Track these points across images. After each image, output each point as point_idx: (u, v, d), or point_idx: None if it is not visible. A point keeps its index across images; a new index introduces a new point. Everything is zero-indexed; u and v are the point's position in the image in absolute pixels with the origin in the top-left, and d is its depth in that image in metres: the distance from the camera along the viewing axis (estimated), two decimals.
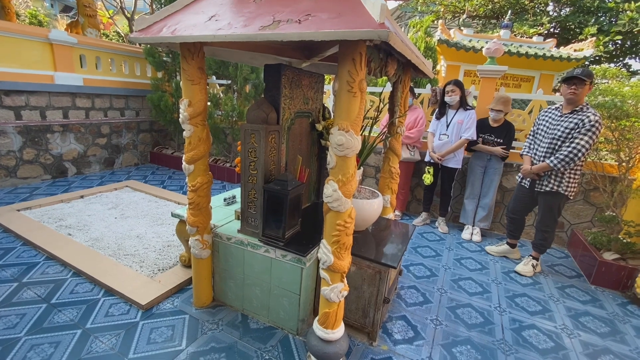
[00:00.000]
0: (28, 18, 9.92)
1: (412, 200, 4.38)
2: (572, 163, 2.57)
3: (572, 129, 2.57)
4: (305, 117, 2.19)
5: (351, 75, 1.28)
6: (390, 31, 1.05)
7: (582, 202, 3.57)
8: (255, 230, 1.93)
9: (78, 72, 4.84)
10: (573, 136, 2.56)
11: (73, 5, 16.46)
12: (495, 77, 3.74)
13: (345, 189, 1.41)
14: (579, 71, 2.52)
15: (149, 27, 1.59)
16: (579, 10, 8.44)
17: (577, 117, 2.57)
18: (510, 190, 3.80)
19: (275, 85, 1.83)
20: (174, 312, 2.09)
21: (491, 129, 3.50)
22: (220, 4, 1.53)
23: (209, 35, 1.35)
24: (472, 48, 5.01)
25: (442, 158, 3.59)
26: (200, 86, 1.72)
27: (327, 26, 1.13)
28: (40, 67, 4.43)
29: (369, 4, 1.14)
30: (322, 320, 1.60)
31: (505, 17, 7.12)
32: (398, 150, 2.46)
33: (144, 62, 5.69)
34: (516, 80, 5.68)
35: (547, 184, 2.75)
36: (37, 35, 4.36)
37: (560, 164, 2.60)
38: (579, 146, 2.52)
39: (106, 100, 5.27)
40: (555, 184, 2.72)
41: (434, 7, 10.49)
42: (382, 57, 1.56)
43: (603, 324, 2.34)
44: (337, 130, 1.35)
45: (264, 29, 1.24)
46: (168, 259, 2.68)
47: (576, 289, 2.80)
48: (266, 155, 1.79)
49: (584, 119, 2.52)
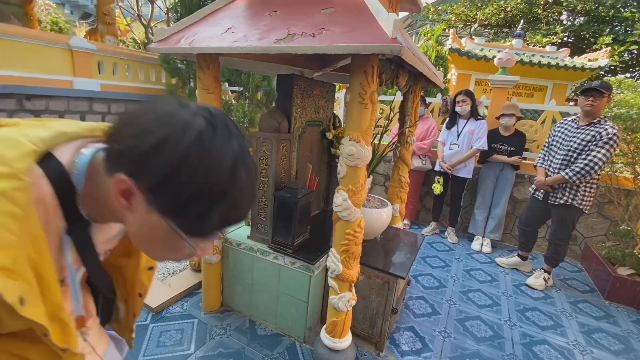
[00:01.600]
0: (49, 25, 10.29)
1: (422, 209, 4.35)
2: (588, 176, 2.53)
3: (589, 142, 2.54)
4: (316, 125, 2.21)
5: (363, 87, 1.31)
6: (403, 46, 1.07)
7: (597, 215, 3.49)
8: (264, 237, 1.95)
9: (96, 77, 4.99)
10: (590, 149, 2.53)
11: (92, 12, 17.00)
12: (507, 87, 3.72)
13: (355, 199, 1.43)
14: (597, 83, 2.50)
15: (167, 38, 1.64)
16: (593, 19, 8.35)
17: (595, 129, 2.54)
18: (522, 201, 3.75)
19: (287, 95, 1.86)
20: (183, 315, 2.12)
21: (503, 138, 3.47)
22: (237, 17, 1.57)
23: (225, 47, 1.40)
24: (484, 57, 5.00)
25: (452, 168, 3.57)
26: (215, 95, 1.77)
27: (341, 40, 1.16)
28: (60, 73, 4.58)
29: (382, 18, 1.16)
30: (330, 329, 1.60)
31: (517, 26, 7.08)
32: (408, 159, 2.46)
33: (159, 69, 5.83)
34: (528, 90, 5.63)
35: (562, 196, 2.71)
36: (59, 42, 4.52)
37: (576, 177, 2.56)
38: (596, 159, 2.48)
39: (122, 105, 5.40)
40: (570, 196, 2.68)
41: (445, 15, 10.51)
42: (394, 68, 1.58)
43: (617, 341, 2.28)
44: (348, 141, 1.37)
45: (279, 42, 1.27)
46: (178, 263, 2.72)
47: (589, 304, 2.73)
48: (277, 163, 1.82)
49: (602, 132, 2.49)
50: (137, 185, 0.47)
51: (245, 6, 1.64)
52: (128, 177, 0.46)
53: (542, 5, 8.91)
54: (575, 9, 8.47)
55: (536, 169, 2.96)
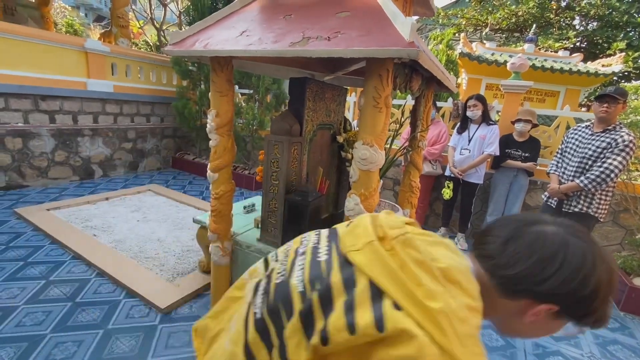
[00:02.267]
0: (65, 27, 10.52)
1: (431, 214, 4.31)
2: (603, 184, 2.47)
3: (604, 149, 2.49)
4: (326, 129, 2.21)
5: (377, 91, 1.30)
6: (420, 50, 1.06)
7: (611, 224, 3.41)
8: (274, 240, 1.95)
9: (109, 79, 5.07)
10: (605, 156, 2.47)
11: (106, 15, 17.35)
12: (519, 92, 3.68)
13: (367, 203, 1.42)
14: (612, 89, 2.45)
15: (182, 41, 1.66)
16: (607, 24, 8.22)
17: (610, 136, 2.48)
18: (534, 208, 3.69)
19: (299, 98, 1.86)
20: (192, 317, 2.12)
21: (517, 144, 3.42)
22: (251, 20, 1.58)
23: (240, 50, 1.40)
24: (495, 61, 4.96)
25: (462, 173, 3.53)
26: (228, 98, 1.77)
27: (357, 44, 1.15)
28: (74, 74, 4.67)
29: (398, 22, 1.15)
30: None
31: (529, 30, 7.01)
32: (419, 164, 2.44)
33: (171, 71, 5.91)
34: (540, 95, 5.55)
35: (576, 204, 2.66)
36: (74, 44, 4.61)
37: (591, 184, 2.50)
38: (612, 166, 2.43)
39: (133, 106, 5.48)
40: (584, 205, 2.62)
41: (455, 20, 10.46)
42: (407, 72, 1.56)
43: (633, 353, 2.21)
44: (362, 145, 1.36)
45: (294, 46, 1.27)
46: (187, 263, 2.73)
47: None
48: (288, 166, 1.81)
49: (617, 139, 2.43)
50: (546, 306, 0.56)
51: (260, 9, 1.65)
52: (535, 300, 0.56)
53: (554, 10, 8.81)
54: (588, 14, 8.36)
55: (549, 176, 2.91)
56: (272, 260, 0.76)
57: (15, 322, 1.93)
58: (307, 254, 0.66)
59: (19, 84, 4.07)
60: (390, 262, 0.55)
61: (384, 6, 1.25)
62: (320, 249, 0.66)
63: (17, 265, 2.52)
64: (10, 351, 1.73)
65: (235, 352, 0.62)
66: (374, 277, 0.54)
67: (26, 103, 4.21)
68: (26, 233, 3.04)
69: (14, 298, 2.14)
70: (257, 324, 0.62)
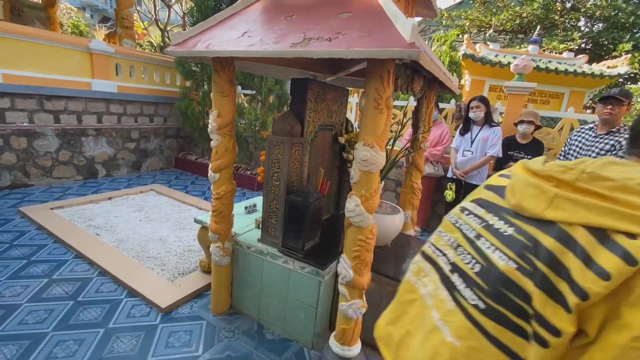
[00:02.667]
0: (70, 28, 10.62)
1: (433, 216, 4.29)
2: None
3: (608, 151, 2.46)
4: (328, 129, 2.21)
5: (378, 92, 1.29)
6: (421, 51, 1.06)
7: None
8: (275, 241, 1.95)
9: (113, 79, 5.11)
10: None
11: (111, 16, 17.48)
12: (523, 93, 3.65)
13: (367, 204, 1.41)
14: (616, 91, 2.43)
15: (184, 42, 1.67)
16: (612, 26, 8.16)
17: (614, 138, 2.46)
18: None
19: (301, 99, 1.86)
20: (192, 317, 2.12)
21: (520, 145, 3.40)
22: (253, 21, 1.58)
23: (242, 51, 1.40)
24: (498, 63, 4.93)
25: (465, 175, 3.51)
26: (230, 98, 1.78)
27: (358, 44, 1.15)
28: (79, 74, 4.71)
29: (399, 23, 1.15)
30: (339, 336, 1.58)
31: (533, 32, 6.97)
32: (421, 165, 2.43)
33: (174, 72, 5.94)
34: (544, 97, 5.51)
35: None
36: (79, 45, 4.65)
37: None
38: None
39: (137, 106, 5.51)
40: None
41: (459, 21, 10.43)
42: (409, 73, 1.56)
43: None
44: (362, 146, 1.36)
45: (295, 46, 1.27)
46: (188, 263, 2.74)
47: None
48: (289, 167, 1.82)
49: (622, 141, 2.41)
50: None
51: (261, 11, 1.65)
52: None
53: (559, 11, 8.76)
54: (593, 15, 8.30)
55: None
56: (435, 255, 0.75)
57: (18, 320, 1.94)
58: (485, 235, 0.65)
59: (25, 84, 4.11)
60: (592, 201, 0.53)
61: (385, 7, 1.25)
62: (494, 224, 0.65)
63: (21, 263, 2.53)
64: (13, 349, 1.74)
65: (472, 346, 0.62)
66: (587, 222, 0.52)
67: (31, 103, 4.25)
68: (30, 232, 3.06)
69: (17, 296, 2.15)
70: (488, 313, 0.60)
